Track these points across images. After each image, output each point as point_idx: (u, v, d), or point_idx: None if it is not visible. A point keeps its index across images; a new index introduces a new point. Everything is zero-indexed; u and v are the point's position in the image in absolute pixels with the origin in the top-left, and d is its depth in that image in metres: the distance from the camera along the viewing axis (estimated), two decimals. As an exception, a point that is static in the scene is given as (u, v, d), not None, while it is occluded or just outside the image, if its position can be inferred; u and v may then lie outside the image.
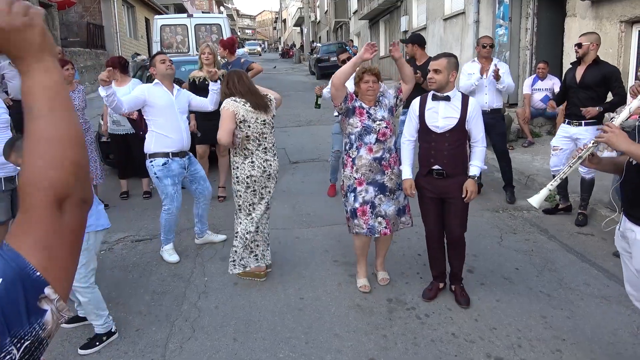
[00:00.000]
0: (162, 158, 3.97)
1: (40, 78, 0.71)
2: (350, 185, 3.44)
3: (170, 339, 3.08)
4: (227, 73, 3.87)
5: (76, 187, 0.72)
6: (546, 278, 3.67)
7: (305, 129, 9.70)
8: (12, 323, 0.64)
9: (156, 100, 4.00)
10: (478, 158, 3.23)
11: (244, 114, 3.53)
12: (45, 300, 0.68)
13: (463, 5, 11.34)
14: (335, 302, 3.44)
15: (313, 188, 6.13)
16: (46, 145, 0.70)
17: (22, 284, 0.66)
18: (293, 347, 2.95)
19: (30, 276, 0.66)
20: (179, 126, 4.06)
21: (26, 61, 0.71)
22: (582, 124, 4.50)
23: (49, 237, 0.69)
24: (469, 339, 2.98)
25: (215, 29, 10.77)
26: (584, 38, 4.46)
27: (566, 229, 4.57)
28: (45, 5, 11.98)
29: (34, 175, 0.69)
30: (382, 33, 20.50)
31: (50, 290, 0.68)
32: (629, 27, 6.24)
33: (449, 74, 3.14)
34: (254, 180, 3.61)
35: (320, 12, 38.58)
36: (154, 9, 20.93)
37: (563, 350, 2.84)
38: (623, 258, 2.45)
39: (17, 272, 0.66)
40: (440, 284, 3.48)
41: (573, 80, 4.55)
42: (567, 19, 7.35)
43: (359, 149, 3.38)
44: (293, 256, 4.20)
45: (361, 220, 3.41)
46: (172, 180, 4.01)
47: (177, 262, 4.13)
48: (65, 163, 0.71)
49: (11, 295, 0.64)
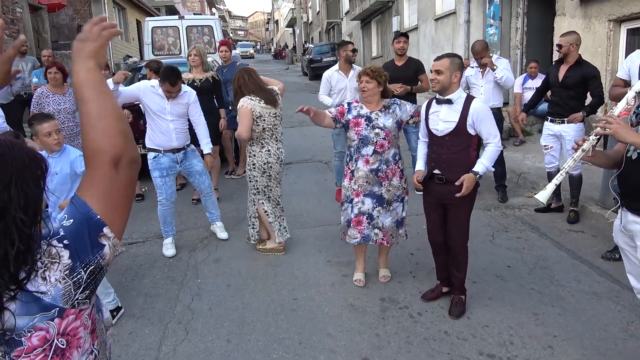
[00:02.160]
0: (153, 152, 4.20)
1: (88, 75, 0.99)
2: (348, 196, 3.48)
3: (164, 341, 3.08)
4: (236, 71, 4.04)
5: (127, 149, 0.96)
6: (537, 275, 3.70)
7: (298, 130, 9.70)
8: (81, 252, 0.88)
9: (149, 104, 4.16)
10: (486, 157, 3.03)
11: (260, 111, 3.88)
12: (104, 237, 0.91)
13: (454, 5, 11.39)
14: (329, 302, 3.45)
15: (306, 189, 6.13)
16: (99, 120, 0.94)
17: (87, 223, 0.89)
18: (287, 348, 2.96)
19: (93, 218, 0.90)
20: (168, 129, 4.19)
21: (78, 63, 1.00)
22: (564, 122, 4.56)
23: (108, 190, 0.92)
24: (461, 336, 3.00)
25: (207, 31, 10.74)
26: (564, 39, 4.50)
27: (557, 227, 4.61)
28: (35, 8, 11.91)
29: (95, 143, 0.93)
30: (374, 33, 20.54)
31: (108, 229, 0.91)
32: (618, 25, 6.30)
33: (451, 74, 2.98)
34: (269, 167, 4.03)
35: (312, 13, 38.59)
36: (145, 11, 20.84)
37: (554, 346, 2.86)
38: (624, 252, 2.42)
39: (83, 215, 0.89)
40: (444, 288, 3.40)
41: (555, 79, 4.60)
42: (557, 18, 7.41)
43: (357, 161, 3.40)
44: (286, 257, 4.20)
45: (355, 230, 3.45)
46: (160, 173, 4.21)
47: (173, 256, 4.25)
48: (115, 132, 0.95)
49: (79, 231, 0.88)
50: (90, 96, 0.96)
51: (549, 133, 4.73)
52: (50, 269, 0.85)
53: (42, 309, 0.85)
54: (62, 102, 5.33)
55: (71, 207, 0.91)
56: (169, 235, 4.37)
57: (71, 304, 0.88)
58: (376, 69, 3.38)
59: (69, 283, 0.87)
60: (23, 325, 0.84)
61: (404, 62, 5.47)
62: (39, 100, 5.32)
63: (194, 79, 5.40)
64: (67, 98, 5.37)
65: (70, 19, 15.99)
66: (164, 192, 4.24)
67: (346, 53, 5.31)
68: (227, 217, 5.04)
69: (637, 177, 2.20)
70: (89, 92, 0.97)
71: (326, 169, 7.00)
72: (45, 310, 0.85)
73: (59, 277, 0.86)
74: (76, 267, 0.87)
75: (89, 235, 0.89)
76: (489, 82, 5.19)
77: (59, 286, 0.86)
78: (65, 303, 0.87)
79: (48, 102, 5.28)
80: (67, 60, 12.57)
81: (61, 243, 0.87)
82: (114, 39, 17.60)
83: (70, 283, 0.87)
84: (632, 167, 2.20)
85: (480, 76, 5.22)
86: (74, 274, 0.87)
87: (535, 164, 6.29)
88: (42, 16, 12.33)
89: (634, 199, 2.24)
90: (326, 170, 6.88)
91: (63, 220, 0.89)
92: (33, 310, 0.84)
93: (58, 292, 0.86)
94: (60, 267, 0.86)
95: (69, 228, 0.88)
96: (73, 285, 0.87)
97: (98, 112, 0.95)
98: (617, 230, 2.42)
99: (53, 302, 0.85)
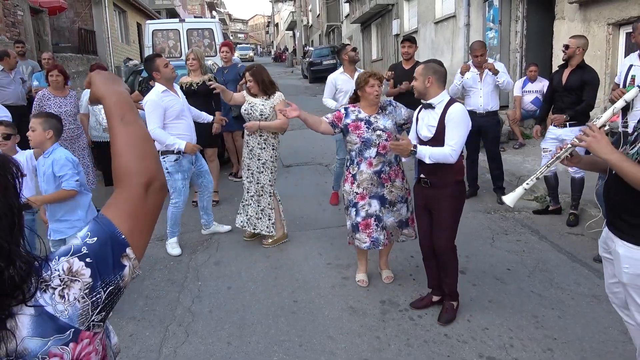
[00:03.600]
0: (174, 155, 4.17)
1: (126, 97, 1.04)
2: (350, 200, 3.48)
3: (164, 343, 3.08)
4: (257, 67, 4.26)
5: (159, 173, 0.98)
6: (537, 278, 3.71)
7: (298, 133, 9.71)
8: (103, 271, 0.86)
9: (173, 106, 4.14)
10: (433, 150, 2.96)
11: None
12: (126, 258, 0.90)
13: (454, 8, 11.43)
14: (329, 304, 3.46)
15: (306, 191, 6.14)
16: (138, 142, 0.97)
17: (112, 243, 0.88)
18: (287, 350, 2.96)
19: (118, 238, 0.89)
20: (191, 125, 4.31)
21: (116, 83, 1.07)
22: (566, 125, 4.57)
23: (136, 212, 0.93)
24: (461, 339, 3.00)
25: (208, 34, 10.76)
26: (573, 41, 4.52)
27: (557, 230, 4.62)
28: (36, 11, 11.93)
29: (130, 164, 0.95)
30: (374, 36, 20.59)
31: (130, 250, 0.91)
32: (617, 29, 6.33)
33: (424, 79, 3.02)
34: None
35: (312, 16, 38.66)
36: (145, 14, 20.89)
37: (554, 349, 2.87)
38: (604, 261, 2.41)
39: (108, 234, 0.89)
40: (434, 296, 3.35)
41: (559, 83, 4.63)
42: (556, 22, 7.44)
43: (359, 164, 3.41)
44: (286, 259, 4.21)
45: (364, 234, 3.45)
46: (183, 176, 4.25)
47: (179, 255, 4.34)
48: (151, 155, 0.98)
49: (103, 250, 0.87)
50: (131, 118, 0.99)
51: (551, 137, 4.74)
52: (70, 287, 0.84)
53: (57, 330, 0.82)
54: (64, 104, 5.35)
55: (95, 225, 0.90)
56: (175, 235, 4.43)
57: (87, 326, 0.86)
58: (376, 72, 3.43)
59: (88, 302, 0.85)
60: (37, 350, 0.81)
61: (411, 65, 5.51)
62: (40, 103, 5.34)
63: (192, 82, 5.42)
64: (68, 101, 5.38)
65: (71, 22, 16.02)
66: (183, 195, 4.29)
67: (348, 55, 5.38)
68: (228, 219, 5.06)
69: (616, 193, 2.13)
70: (130, 115, 1.00)
71: (326, 171, 7.01)
72: (60, 332, 0.83)
73: (78, 296, 0.84)
74: (96, 287, 0.86)
75: (112, 254, 0.88)
76: (488, 85, 5.21)
77: (77, 305, 0.84)
78: (81, 324, 0.85)
79: (49, 105, 5.30)
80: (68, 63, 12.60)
81: (83, 261, 0.85)
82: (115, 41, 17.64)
83: (89, 302, 0.85)
84: (613, 181, 2.13)
85: (479, 79, 5.24)
86: (93, 293, 0.85)
87: (535, 167, 6.30)
88: (43, 19, 12.36)
89: (613, 215, 2.18)
90: (326, 173, 6.89)
91: (86, 238, 0.88)
92: (47, 331, 0.82)
93: (76, 311, 0.84)
94: (80, 286, 0.84)
95: (92, 246, 0.87)
96: (91, 305, 0.86)
97: (137, 135, 0.98)
98: (601, 239, 2.38)
99: (69, 322, 0.83)
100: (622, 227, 2.11)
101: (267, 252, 4.35)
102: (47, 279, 0.83)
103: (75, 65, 13.51)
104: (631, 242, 2.07)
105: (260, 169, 4.25)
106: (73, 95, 5.56)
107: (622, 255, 2.11)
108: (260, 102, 4.21)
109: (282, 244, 4.51)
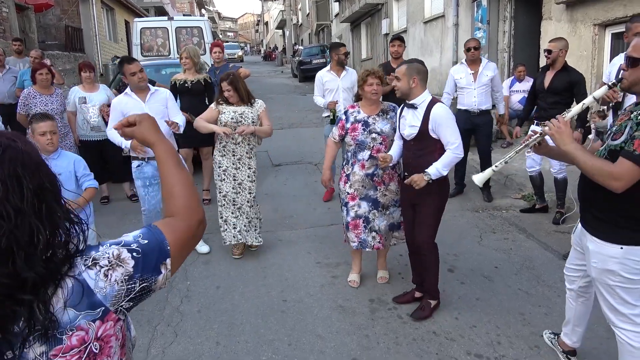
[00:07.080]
0: (137, 161, 4.03)
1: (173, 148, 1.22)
2: (343, 199, 3.55)
3: (153, 343, 3.06)
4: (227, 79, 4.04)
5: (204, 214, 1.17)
6: (524, 276, 3.75)
7: (288, 132, 9.70)
8: (144, 268, 0.99)
9: (129, 112, 3.97)
10: (442, 161, 3.00)
11: None
12: (164, 266, 1.02)
13: (443, 8, 11.49)
14: (318, 303, 3.46)
15: (296, 190, 6.14)
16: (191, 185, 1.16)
17: (159, 249, 1.02)
18: (276, 350, 2.96)
19: (165, 247, 1.03)
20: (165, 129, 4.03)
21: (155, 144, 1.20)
22: None
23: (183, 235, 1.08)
24: (449, 337, 3.03)
25: (197, 32, 10.70)
26: (553, 44, 4.57)
27: (544, 228, 4.67)
28: (22, 8, 11.77)
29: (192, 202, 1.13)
30: (364, 36, 20.63)
31: (169, 260, 1.03)
32: (603, 30, 6.40)
33: (409, 80, 3.03)
34: None
35: (302, 15, 38.60)
36: (133, 12, 20.68)
37: (541, 346, 2.90)
38: (572, 250, 2.51)
39: (158, 241, 1.03)
40: (417, 292, 3.39)
41: (542, 85, 4.68)
42: (543, 22, 7.51)
43: (353, 165, 3.45)
44: (276, 258, 4.20)
45: (352, 234, 3.49)
46: (143, 182, 4.06)
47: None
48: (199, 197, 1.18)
49: (151, 251, 1.01)
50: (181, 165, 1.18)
51: None
52: (114, 269, 0.95)
53: (90, 305, 0.92)
54: (50, 102, 5.29)
55: (149, 232, 1.04)
56: None
57: (115, 308, 0.96)
58: (377, 70, 3.42)
59: (124, 288, 0.96)
60: (68, 322, 0.90)
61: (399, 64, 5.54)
62: (25, 101, 5.27)
63: (186, 80, 5.39)
64: (54, 99, 5.33)
65: (57, 19, 15.83)
66: (147, 203, 4.10)
67: (338, 56, 5.43)
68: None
69: (584, 188, 2.18)
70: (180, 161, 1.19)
71: (315, 170, 7.01)
72: (92, 308, 0.93)
73: (119, 279, 0.95)
74: (134, 277, 0.97)
75: (156, 258, 1.01)
76: (482, 86, 5.26)
77: (115, 287, 0.95)
78: (112, 305, 0.95)
79: (35, 103, 5.24)
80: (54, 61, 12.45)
81: (130, 253, 0.98)
82: (102, 39, 17.46)
83: (125, 288, 0.96)
84: (583, 176, 2.17)
85: (473, 79, 5.28)
86: (130, 281, 0.97)
87: (522, 166, 6.35)
88: (29, 16, 12.20)
89: (583, 208, 2.24)
90: (316, 172, 6.89)
91: (138, 238, 1.02)
92: (82, 305, 0.91)
93: (112, 292, 0.94)
94: (122, 271, 0.96)
95: (144, 245, 1.01)
96: (125, 291, 0.96)
97: (189, 179, 1.17)
98: (575, 234, 2.45)
99: (103, 300, 0.94)
100: (592, 222, 2.19)
101: (256, 251, 4.34)
102: (97, 258, 0.95)
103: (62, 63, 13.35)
104: (600, 237, 2.15)
105: (252, 177, 4.16)
106: (59, 93, 5.50)
107: (591, 251, 2.20)
108: (248, 110, 4.13)
109: (272, 243, 4.49)
